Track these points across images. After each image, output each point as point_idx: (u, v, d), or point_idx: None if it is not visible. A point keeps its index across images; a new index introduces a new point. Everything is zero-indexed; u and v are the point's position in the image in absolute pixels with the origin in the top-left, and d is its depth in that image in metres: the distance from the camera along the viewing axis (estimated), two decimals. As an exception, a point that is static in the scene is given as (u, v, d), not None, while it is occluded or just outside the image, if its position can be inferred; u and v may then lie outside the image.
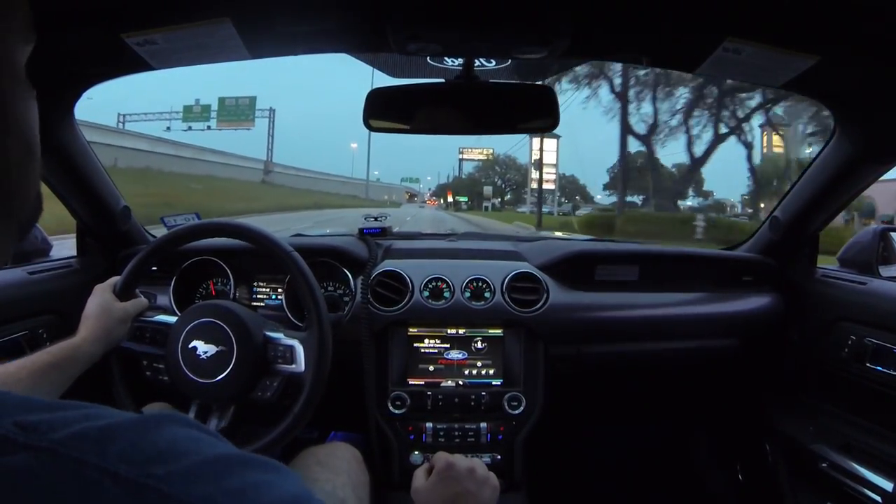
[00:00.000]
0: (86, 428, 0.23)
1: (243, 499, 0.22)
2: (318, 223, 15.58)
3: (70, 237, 1.24)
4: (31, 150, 0.28)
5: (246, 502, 0.22)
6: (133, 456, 0.22)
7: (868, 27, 0.68)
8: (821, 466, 1.08)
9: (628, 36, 0.79)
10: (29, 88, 0.28)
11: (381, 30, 0.72)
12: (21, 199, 0.29)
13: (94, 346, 0.80)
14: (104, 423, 0.23)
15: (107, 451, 0.22)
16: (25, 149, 0.28)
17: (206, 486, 0.22)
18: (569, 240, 1.58)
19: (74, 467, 0.21)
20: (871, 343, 1.02)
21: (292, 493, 0.24)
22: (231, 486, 0.22)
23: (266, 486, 0.23)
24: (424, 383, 1.15)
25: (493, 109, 0.87)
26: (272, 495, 0.23)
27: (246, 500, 0.22)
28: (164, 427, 0.24)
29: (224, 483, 0.22)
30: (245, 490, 0.23)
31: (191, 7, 0.68)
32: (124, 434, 0.23)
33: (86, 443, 0.22)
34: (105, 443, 0.22)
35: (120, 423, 0.23)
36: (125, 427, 0.23)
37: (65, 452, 0.22)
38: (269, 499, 0.23)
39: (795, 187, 1.18)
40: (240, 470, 0.23)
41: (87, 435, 0.22)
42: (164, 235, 0.96)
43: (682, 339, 1.26)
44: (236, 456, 0.24)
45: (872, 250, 1.13)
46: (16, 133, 0.27)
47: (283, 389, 0.89)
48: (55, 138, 0.96)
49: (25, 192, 0.29)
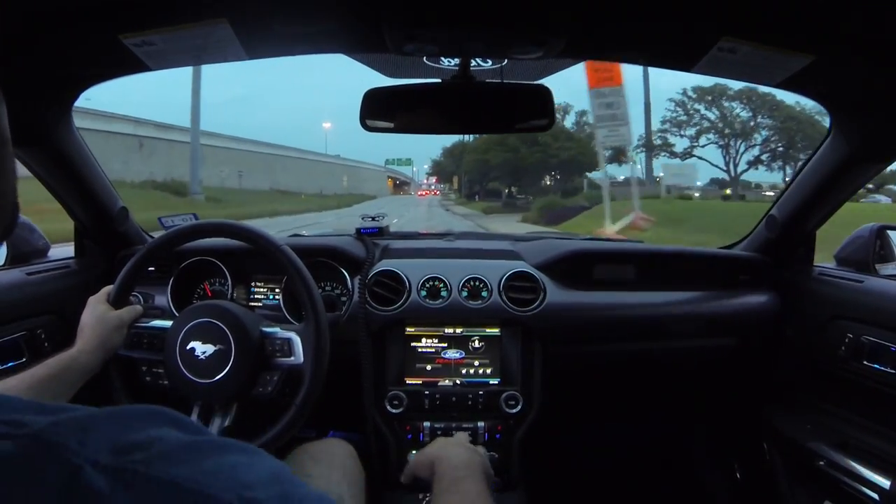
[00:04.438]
0: (65, 418, 0.24)
1: (222, 477, 0.23)
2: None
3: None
4: (4, 141, 0.31)
5: (224, 480, 0.23)
6: (112, 445, 0.23)
7: (863, 27, 0.68)
8: (818, 464, 1.08)
9: (624, 35, 0.79)
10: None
11: (377, 30, 0.72)
12: (1, 189, 0.31)
13: (91, 356, 0.80)
14: (83, 413, 0.25)
15: (87, 438, 0.23)
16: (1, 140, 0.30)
17: (185, 468, 0.23)
18: (567, 239, 1.58)
19: (56, 451, 0.22)
20: (868, 341, 1.02)
21: (270, 470, 0.25)
22: (209, 467, 0.24)
23: (244, 467, 0.25)
24: (422, 383, 1.15)
25: (489, 109, 0.87)
26: (250, 474, 0.24)
27: (224, 479, 0.23)
28: (143, 418, 0.26)
29: (203, 464, 0.24)
30: (223, 469, 0.24)
31: (188, 8, 0.69)
32: (103, 423, 0.25)
33: (66, 429, 0.23)
34: (85, 430, 0.24)
35: (98, 413, 0.25)
36: (103, 417, 0.25)
37: (46, 438, 0.23)
38: (247, 478, 0.24)
39: (792, 186, 1.18)
40: (217, 452, 0.25)
41: (66, 423, 0.24)
42: (161, 236, 0.97)
43: (679, 338, 1.26)
44: (213, 441, 0.26)
45: (869, 248, 1.13)
46: None
47: (283, 383, 0.90)
48: (53, 139, 0.96)
49: (4, 179, 0.31)
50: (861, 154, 0.99)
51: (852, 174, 1.05)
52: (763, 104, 22.17)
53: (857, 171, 1.04)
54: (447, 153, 35.54)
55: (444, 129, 0.97)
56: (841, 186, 1.09)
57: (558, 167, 27.01)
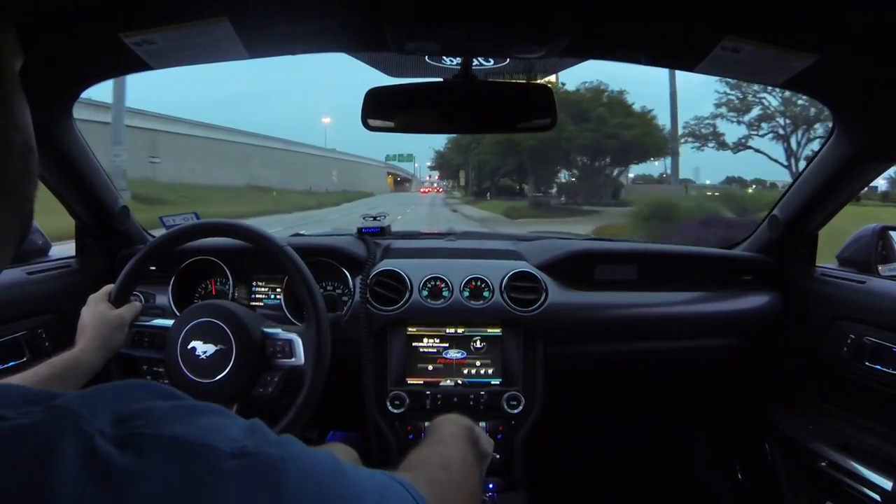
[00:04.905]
0: (72, 395, 0.28)
1: (215, 431, 0.28)
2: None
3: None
4: (29, 147, 0.32)
5: (217, 433, 0.28)
6: (112, 416, 0.27)
7: (866, 26, 0.68)
8: (820, 465, 1.08)
9: (627, 34, 0.79)
10: (23, 92, 0.32)
11: (379, 29, 0.71)
12: (22, 195, 0.32)
13: (93, 354, 0.80)
14: (86, 390, 0.29)
15: (94, 409, 0.27)
16: (25, 145, 0.31)
17: (181, 426, 0.27)
18: (568, 239, 1.58)
19: (69, 416, 0.26)
20: (870, 342, 1.02)
21: (247, 425, 0.30)
22: (202, 424, 0.28)
23: (227, 425, 0.29)
24: (423, 383, 1.15)
25: (491, 108, 0.87)
26: (234, 429, 0.29)
27: (217, 433, 0.28)
28: (134, 392, 0.30)
29: (196, 422, 0.28)
30: (213, 426, 0.28)
31: (189, 7, 0.68)
32: (105, 396, 0.29)
33: (75, 400, 0.27)
34: (92, 400, 0.27)
35: (99, 388, 0.29)
36: (102, 391, 0.29)
37: (59, 404, 0.26)
38: (232, 433, 0.28)
39: (794, 186, 1.18)
40: (203, 414, 0.29)
41: (74, 397, 0.28)
42: (162, 235, 0.97)
43: (681, 339, 1.26)
44: (196, 404, 0.30)
45: (871, 249, 1.13)
46: (20, 129, 0.31)
47: (283, 384, 0.90)
48: (53, 137, 0.96)
49: (26, 187, 0.32)
50: (864, 154, 0.98)
51: (855, 174, 1.05)
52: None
53: (860, 171, 1.04)
54: (454, 144, 28.41)
55: (445, 129, 0.97)
56: (843, 187, 1.09)
57: (618, 151, 18.59)
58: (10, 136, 0.30)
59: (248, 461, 0.27)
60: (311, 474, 0.29)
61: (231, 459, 0.27)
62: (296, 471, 0.28)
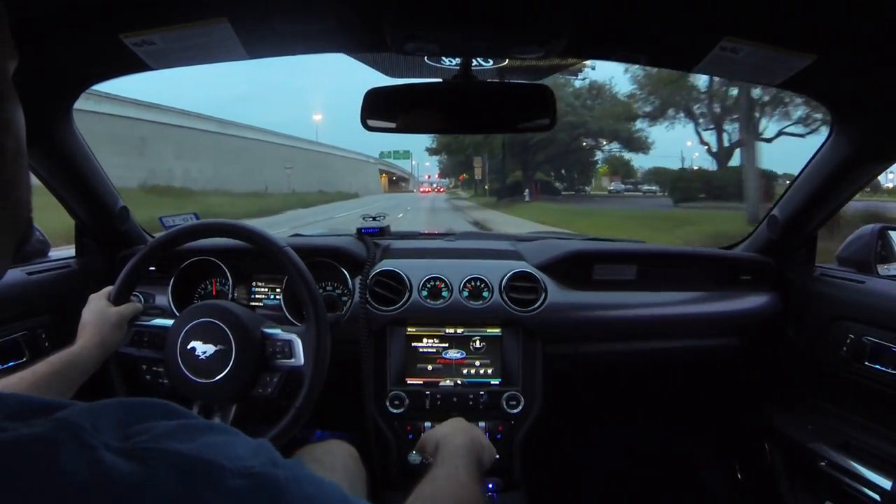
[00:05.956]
0: (76, 408, 0.28)
1: (220, 450, 0.27)
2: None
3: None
4: (21, 150, 0.31)
5: (222, 452, 0.27)
6: (116, 430, 0.27)
7: (865, 27, 0.68)
8: (820, 465, 1.08)
9: (626, 35, 0.79)
10: (16, 95, 0.32)
11: (378, 29, 0.72)
12: (16, 197, 0.31)
13: (92, 353, 0.81)
14: (91, 404, 0.28)
15: (98, 423, 0.26)
16: (17, 149, 0.31)
17: (187, 443, 0.27)
18: (567, 239, 1.58)
19: (73, 429, 0.25)
20: (870, 342, 1.02)
21: (252, 444, 0.30)
22: (207, 441, 0.28)
23: (232, 443, 0.29)
24: (423, 383, 1.15)
25: (490, 109, 0.87)
26: (239, 448, 0.29)
27: (222, 451, 0.27)
28: (138, 410, 0.30)
29: (201, 439, 0.28)
30: (218, 444, 0.28)
31: (189, 7, 0.69)
32: (110, 411, 0.28)
33: (79, 413, 0.27)
34: (96, 414, 0.27)
35: (104, 403, 0.29)
36: (109, 406, 0.29)
37: (63, 416, 0.26)
38: (237, 451, 0.28)
39: (793, 186, 1.18)
40: (208, 432, 0.29)
41: (78, 410, 0.27)
42: (162, 236, 0.97)
43: (680, 339, 1.26)
44: (202, 422, 0.30)
45: (871, 249, 1.13)
46: (12, 132, 0.30)
47: (283, 385, 0.90)
48: (53, 138, 0.96)
49: (20, 189, 0.31)
50: (862, 154, 0.99)
51: (854, 174, 1.05)
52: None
53: (859, 171, 1.04)
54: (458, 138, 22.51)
55: (445, 129, 0.98)
56: (842, 187, 1.09)
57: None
58: (3, 140, 0.29)
59: (252, 481, 0.27)
60: (317, 499, 0.29)
61: (236, 478, 0.26)
62: (300, 495, 0.28)
